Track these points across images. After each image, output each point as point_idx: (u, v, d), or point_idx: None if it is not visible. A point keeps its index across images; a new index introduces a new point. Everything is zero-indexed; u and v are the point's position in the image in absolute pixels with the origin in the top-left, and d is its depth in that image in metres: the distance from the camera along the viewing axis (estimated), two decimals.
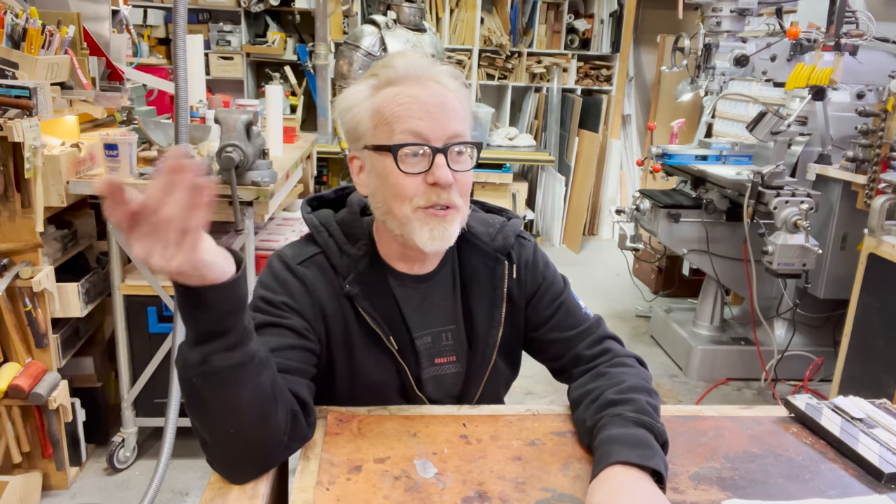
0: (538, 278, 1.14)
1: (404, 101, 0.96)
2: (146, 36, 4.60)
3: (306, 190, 3.09)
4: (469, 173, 0.99)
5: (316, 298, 1.02)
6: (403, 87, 0.96)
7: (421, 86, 0.96)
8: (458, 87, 1.00)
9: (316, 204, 1.14)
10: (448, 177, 0.95)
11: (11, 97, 1.78)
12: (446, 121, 0.96)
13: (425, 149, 0.95)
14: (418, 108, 0.95)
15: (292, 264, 1.03)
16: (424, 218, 0.97)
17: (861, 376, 2.35)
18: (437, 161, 0.95)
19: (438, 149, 0.95)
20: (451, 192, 0.97)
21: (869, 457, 0.93)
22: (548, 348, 1.13)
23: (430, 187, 0.96)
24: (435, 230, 0.97)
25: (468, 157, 0.99)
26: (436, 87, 0.97)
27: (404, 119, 0.95)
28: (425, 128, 0.95)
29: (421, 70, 0.98)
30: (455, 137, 0.96)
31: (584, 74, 5.24)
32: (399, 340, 1.05)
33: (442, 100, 0.96)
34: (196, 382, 0.80)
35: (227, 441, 0.84)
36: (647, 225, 3.07)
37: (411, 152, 0.95)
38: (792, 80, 2.69)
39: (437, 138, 0.95)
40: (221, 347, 0.79)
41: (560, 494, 0.85)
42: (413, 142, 0.95)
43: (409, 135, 0.95)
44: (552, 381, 1.17)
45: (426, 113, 0.95)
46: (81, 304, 2.00)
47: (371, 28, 3.49)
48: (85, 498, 2.08)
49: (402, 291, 1.07)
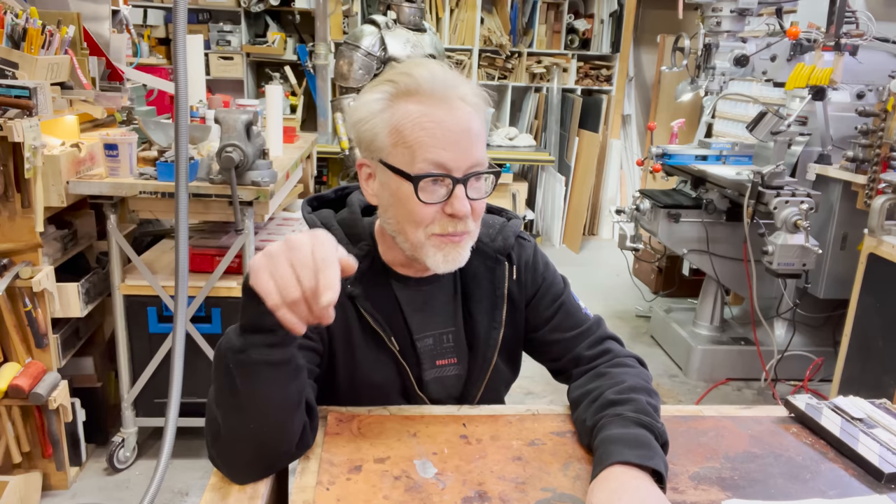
0: (538, 279, 1.14)
1: (428, 126, 0.92)
2: (146, 36, 4.60)
3: (306, 190, 3.09)
4: (484, 200, 0.98)
5: None
6: (427, 107, 0.92)
7: (446, 108, 0.93)
8: (480, 105, 0.98)
9: (316, 204, 1.13)
10: (466, 209, 0.94)
11: (11, 97, 1.78)
12: (470, 149, 0.93)
13: (447, 180, 0.93)
14: (443, 135, 0.91)
15: None
16: (439, 244, 0.96)
17: (861, 376, 2.35)
18: (456, 192, 0.93)
19: (459, 179, 0.93)
20: (467, 222, 0.96)
21: (869, 457, 0.93)
22: (548, 349, 1.13)
23: (446, 216, 0.95)
24: (449, 255, 0.97)
25: (487, 184, 0.98)
26: (461, 111, 0.93)
27: (428, 148, 0.91)
28: (449, 158, 0.92)
29: (446, 88, 0.94)
30: (476, 166, 0.94)
31: (584, 74, 5.24)
32: (400, 342, 1.05)
33: (467, 126, 0.93)
34: (232, 368, 0.81)
35: (243, 437, 0.84)
36: (647, 225, 3.07)
37: (432, 181, 0.93)
38: (792, 80, 2.69)
39: (458, 169, 0.93)
40: (264, 343, 0.80)
41: (560, 494, 0.85)
42: (435, 172, 0.92)
43: (431, 165, 0.92)
44: (552, 382, 1.17)
45: (451, 142, 0.92)
46: (81, 304, 2.00)
47: (371, 28, 3.49)
48: (85, 498, 2.08)
49: (403, 293, 1.07)
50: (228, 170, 1.90)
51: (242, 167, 1.92)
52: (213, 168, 1.95)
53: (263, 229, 2.42)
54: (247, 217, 2.01)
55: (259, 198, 1.99)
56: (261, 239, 2.28)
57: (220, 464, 0.87)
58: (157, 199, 1.98)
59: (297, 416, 0.86)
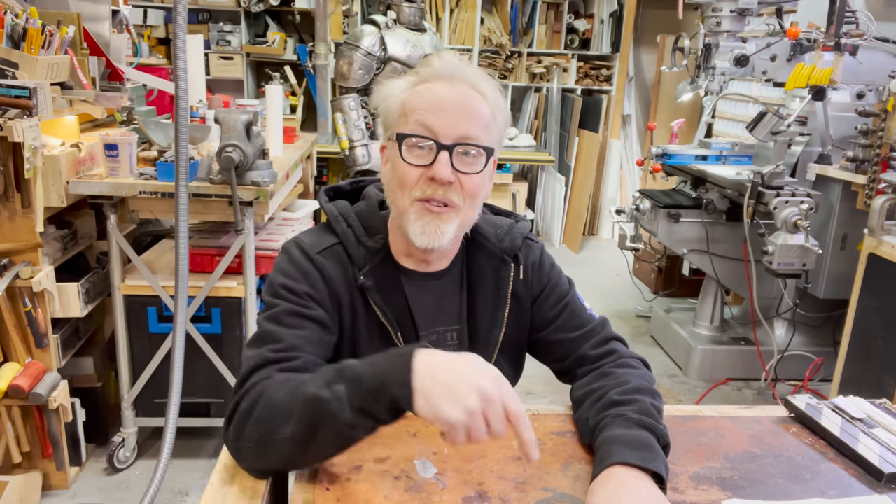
0: (544, 279, 1.14)
1: (426, 95, 0.97)
2: (146, 36, 4.60)
3: (306, 190, 3.09)
4: (476, 177, 0.99)
5: (333, 290, 1.02)
6: (433, 83, 0.98)
7: (449, 84, 0.98)
8: (491, 94, 1.00)
9: (332, 194, 1.15)
10: (446, 174, 0.95)
11: (11, 97, 1.78)
12: (460, 120, 0.96)
13: (431, 143, 0.95)
14: (436, 102, 0.96)
15: (311, 253, 1.03)
16: (420, 211, 0.98)
17: (861, 376, 2.35)
18: (440, 157, 0.95)
19: (444, 146, 0.95)
20: (450, 191, 0.97)
21: (869, 457, 0.93)
22: (553, 349, 1.13)
23: (428, 181, 0.96)
24: (427, 226, 0.97)
25: (477, 161, 0.98)
26: (462, 89, 0.98)
27: (420, 111, 0.97)
28: (437, 123, 0.95)
29: (453, 70, 0.99)
30: (466, 139, 0.96)
31: (584, 74, 5.24)
32: (406, 337, 1.05)
33: (464, 101, 0.97)
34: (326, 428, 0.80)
35: (291, 457, 0.84)
36: (647, 225, 3.07)
37: (417, 143, 0.96)
38: (792, 80, 2.69)
39: (446, 136, 0.96)
40: (375, 427, 0.81)
41: (560, 494, 0.85)
42: (420, 133, 0.96)
43: (419, 126, 0.96)
44: (552, 382, 1.17)
45: (441, 109, 0.96)
46: (81, 304, 2.00)
47: (371, 28, 3.48)
48: (85, 498, 2.08)
49: (412, 289, 1.07)
50: (228, 170, 1.90)
51: (242, 167, 1.92)
52: (213, 168, 1.95)
53: (263, 229, 2.42)
54: (247, 217, 2.01)
55: (259, 198, 1.99)
56: (261, 239, 2.28)
57: (242, 453, 0.87)
58: (157, 199, 1.98)
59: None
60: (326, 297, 1.01)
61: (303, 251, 1.03)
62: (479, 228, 1.11)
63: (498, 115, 1.01)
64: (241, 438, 0.85)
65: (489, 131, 0.99)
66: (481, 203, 1.05)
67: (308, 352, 0.95)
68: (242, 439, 0.85)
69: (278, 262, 1.05)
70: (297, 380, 0.85)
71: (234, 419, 0.87)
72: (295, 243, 1.05)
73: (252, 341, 0.98)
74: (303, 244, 1.05)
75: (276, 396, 0.84)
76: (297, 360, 0.93)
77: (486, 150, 0.98)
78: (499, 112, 1.01)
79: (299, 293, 0.99)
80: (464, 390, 0.75)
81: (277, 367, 0.91)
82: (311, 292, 1.00)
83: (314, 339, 0.97)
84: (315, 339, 0.97)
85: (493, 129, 1.00)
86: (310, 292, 1.00)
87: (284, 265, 1.03)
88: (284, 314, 0.97)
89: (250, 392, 0.87)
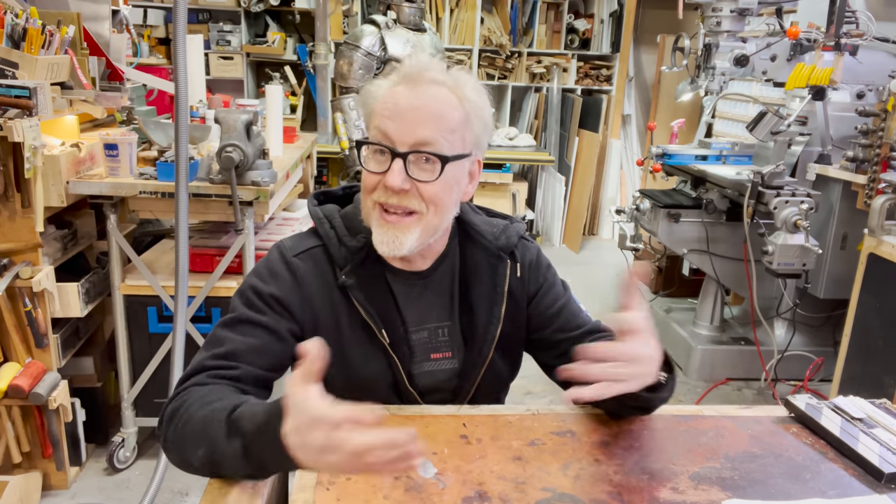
0: (540, 278, 1.15)
1: (387, 100, 0.97)
2: (146, 36, 4.60)
3: (306, 190, 3.09)
4: (434, 185, 0.96)
5: (305, 292, 1.03)
6: (399, 87, 0.97)
7: (411, 86, 0.96)
8: (468, 94, 0.98)
9: (323, 198, 1.15)
10: (396, 183, 0.94)
11: (11, 97, 1.78)
12: (416, 126, 0.94)
13: (387, 151, 0.96)
14: (393, 108, 0.95)
15: (288, 256, 1.05)
16: (378, 219, 0.99)
17: (861, 376, 2.35)
18: (393, 166, 0.95)
19: (398, 153, 0.95)
20: (405, 198, 0.96)
21: (869, 457, 0.93)
22: (554, 347, 1.14)
23: (384, 188, 0.97)
24: (385, 235, 0.98)
25: (433, 169, 0.96)
26: (423, 90, 0.96)
27: (378, 117, 0.97)
28: (392, 129, 0.95)
29: (420, 70, 0.97)
30: (421, 145, 0.95)
31: (584, 74, 5.24)
32: (392, 334, 1.05)
33: (423, 104, 0.95)
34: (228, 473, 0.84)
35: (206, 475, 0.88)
36: (647, 225, 3.07)
37: (375, 150, 0.97)
38: (792, 80, 2.69)
39: (401, 142, 0.95)
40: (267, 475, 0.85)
41: (560, 494, 0.85)
42: (375, 141, 0.96)
43: (377, 132, 0.96)
44: (552, 381, 1.17)
45: (397, 114, 0.95)
46: (81, 304, 2.00)
47: (371, 28, 3.49)
48: (85, 498, 2.08)
49: (399, 286, 1.08)
50: (228, 170, 1.90)
51: (242, 167, 1.92)
52: (213, 168, 1.95)
53: (263, 229, 2.42)
54: (247, 217, 2.01)
55: (259, 198, 1.99)
56: (261, 239, 2.28)
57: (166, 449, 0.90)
58: (157, 199, 1.98)
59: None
60: (297, 300, 1.02)
61: (281, 254, 1.05)
62: (474, 226, 1.12)
63: (474, 117, 0.99)
64: (165, 439, 0.90)
65: (455, 135, 0.97)
66: (451, 207, 1.02)
67: (249, 361, 0.96)
68: (166, 440, 0.89)
69: (258, 262, 1.07)
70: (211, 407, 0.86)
71: (164, 418, 0.91)
72: (277, 246, 1.07)
73: (203, 344, 1.01)
74: (283, 247, 1.06)
75: (194, 417, 0.86)
76: (234, 369, 0.95)
77: (440, 157, 0.95)
78: (475, 113, 0.99)
79: (264, 295, 1.00)
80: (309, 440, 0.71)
81: (211, 373, 0.93)
82: (277, 293, 1.01)
83: (260, 348, 0.98)
84: (261, 348, 0.98)
85: (464, 133, 0.98)
86: (274, 293, 1.01)
87: (261, 266, 1.05)
88: (237, 321, 0.99)
89: (180, 395, 0.91)
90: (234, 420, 0.82)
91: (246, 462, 0.80)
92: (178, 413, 0.89)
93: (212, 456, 0.83)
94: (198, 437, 0.84)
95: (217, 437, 0.82)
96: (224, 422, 0.82)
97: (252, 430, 0.79)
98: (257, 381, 0.97)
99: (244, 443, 0.79)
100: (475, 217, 1.14)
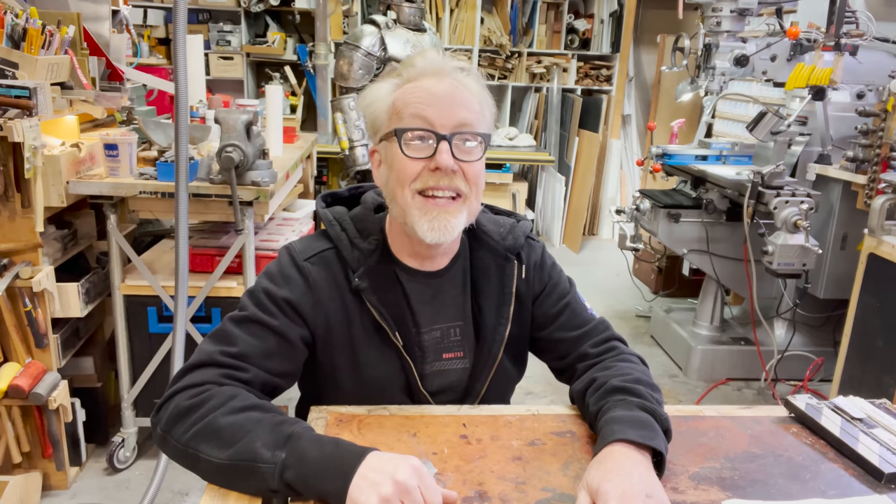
0: (545, 278, 1.16)
1: (418, 92, 0.98)
2: (146, 36, 4.60)
3: (306, 190, 3.09)
4: (477, 164, 1.01)
5: (318, 297, 1.02)
6: (421, 80, 0.99)
7: (437, 78, 0.99)
8: (475, 86, 1.02)
9: (330, 200, 1.16)
10: (450, 162, 0.96)
11: (11, 97, 1.78)
12: (454, 109, 0.97)
13: (430, 134, 0.97)
14: (427, 96, 0.98)
15: (299, 260, 1.04)
16: (423, 206, 0.98)
17: (861, 376, 2.35)
18: (440, 147, 0.96)
19: (443, 136, 0.96)
20: (455, 179, 0.98)
21: (869, 457, 0.93)
22: (554, 347, 1.14)
23: (431, 172, 0.97)
24: (434, 220, 0.98)
25: (476, 149, 1.00)
26: (449, 81, 0.99)
27: (414, 105, 0.98)
28: (432, 114, 0.97)
29: (443, 65, 1.00)
30: (462, 126, 0.98)
31: (584, 74, 5.24)
32: (405, 336, 1.05)
33: (453, 92, 0.99)
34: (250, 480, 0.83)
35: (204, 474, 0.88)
36: (647, 225, 3.07)
37: (416, 137, 0.97)
38: (792, 80, 2.69)
39: (443, 126, 0.97)
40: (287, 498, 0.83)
41: (560, 494, 0.85)
42: (419, 126, 0.97)
43: (416, 119, 0.97)
44: (552, 381, 1.18)
45: (434, 100, 0.97)
46: (81, 304, 2.00)
47: (371, 28, 3.48)
48: (85, 498, 2.08)
49: (412, 286, 1.08)
50: (228, 170, 1.90)
51: (242, 167, 1.92)
52: (213, 168, 1.95)
53: (263, 229, 2.42)
54: (247, 217, 2.01)
55: (259, 198, 1.99)
56: (261, 239, 2.28)
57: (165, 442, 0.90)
58: (157, 199, 1.98)
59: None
60: (310, 304, 1.02)
61: (291, 257, 1.05)
62: (481, 226, 1.12)
63: (484, 107, 1.03)
64: (170, 431, 0.88)
65: (480, 118, 1.01)
66: (482, 192, 1.06)
67: (258, 365, 0.96)
68: (171, 433, 0.88)
69: (269, 265, 1.06)
70: (248, 414, 0.86)
71: (169, 410, 0.89)
72: (286, 249, 1.07)
73: (210, 335, 0.99)
74: (293, 250, 1.06)
75: (222, 420, 0.86)
76: (245, 371, 0.94)
77: (482, 136, 1.00)
78: (485, 104, 1.03)
79: (276, 299, 1.00)
80: (380, 479, 0.76)
81: (223, 372, 0.92)
82: (289, 297, 1.00)
83: (269, 352, 0.97)
84: (270, 352, 0.97)
85: (483, 117, 1.02)
86: (288, 298, 1.00)
87: (271, 269, 1.05)
88: (248, 319, 0.98)
89: (192, 390, 0.90)
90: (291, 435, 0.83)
91: (284, 470, 0.80)
92: (194, 410, 0.87)
93: (239, 460, 0.82)
94: (226, 440, 0.84)
95: (259, 444, 0.82)
96: (270, 431, 0.83)
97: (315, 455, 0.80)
98: (264, 385, 0.97)
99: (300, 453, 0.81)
100: (482, 216, 1.14)
